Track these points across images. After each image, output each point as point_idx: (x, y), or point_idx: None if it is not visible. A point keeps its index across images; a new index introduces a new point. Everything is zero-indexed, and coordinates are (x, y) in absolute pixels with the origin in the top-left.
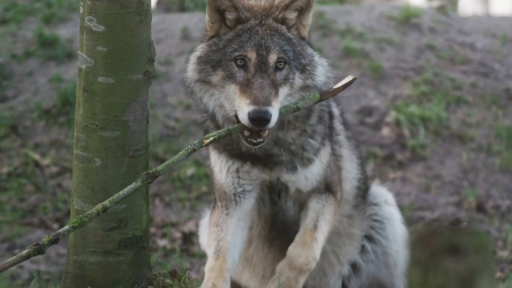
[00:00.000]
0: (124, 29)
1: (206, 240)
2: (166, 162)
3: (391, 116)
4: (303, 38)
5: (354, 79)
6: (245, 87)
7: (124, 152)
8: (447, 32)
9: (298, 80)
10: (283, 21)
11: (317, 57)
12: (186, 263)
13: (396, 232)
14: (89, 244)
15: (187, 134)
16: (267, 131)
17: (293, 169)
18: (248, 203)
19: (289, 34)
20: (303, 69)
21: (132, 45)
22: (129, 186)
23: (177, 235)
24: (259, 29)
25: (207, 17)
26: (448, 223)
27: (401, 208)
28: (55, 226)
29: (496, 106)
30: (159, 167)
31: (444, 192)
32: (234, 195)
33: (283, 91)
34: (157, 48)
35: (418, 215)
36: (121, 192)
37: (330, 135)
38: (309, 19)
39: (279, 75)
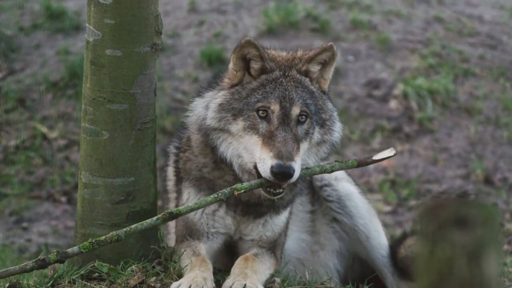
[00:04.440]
0: (132, 2)
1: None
2: (191, 205)
3: (399, 89)
4: (324, 92)
5: (394, 154)
6: (268, 139)
7: (131, 125)
8: (455, 4)
9: (317, 135)
10: (306, 73)
11: (336, 113)
12: None
13: (358, 206)
14: (97, 217)
15: None
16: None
17: (262, 217)
18: (218, 242)
19: (312, 87)
20: (322, 124)
21: (140, 18)
22: (147, 220)
23: None
24: (283, 80)
25: (231, 65)
26: (456, 196)
27: (409, 180)
28: (63, 199)
29: (503, 78)
30: (183, 209)
31: (452, 164)
32: (207, 233)
33: (304, 146)
34: (164, 21)
35: (426, 188)
36: (138, 225)
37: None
38: (330, 73)
39: (301, 129)
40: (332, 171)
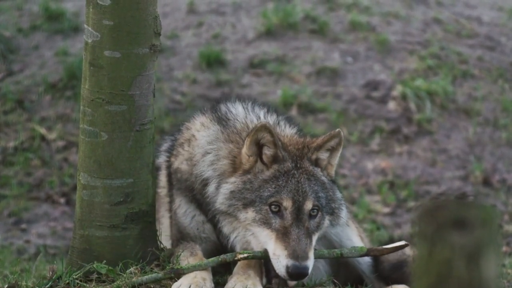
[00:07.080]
0: (130, 3)
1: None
2: (193, 264)
3: (398, 90)
4: (332, 180)
5: (406, 245)
6: (282, 235)
7: (130, 127)
8: (453, 5)
9: (326, 222)
10: (316, 162)
11: (343, 200)
12: None
13: None
14: (96, 218)
15: (193, 108)
16: None
17: None
18: (212, 245)
19: (323, 178)
20: (332, 213)
21: (138, 19)
22: (150, 275)
23: None
24: (296, 172)
25: (244, 149)
26: (454, 197)
27: (408, 182)
28: (62, 200)
29: (502, 80)
30: (185, 266)
31: (450, 166)
32: (199, 237)
33: (315, 238)
34: (163, 22)
35: (424, 189)
36: (140, 278)
37: None
38: (337, 158)
39: (313, 223)
40: (341, 256)
